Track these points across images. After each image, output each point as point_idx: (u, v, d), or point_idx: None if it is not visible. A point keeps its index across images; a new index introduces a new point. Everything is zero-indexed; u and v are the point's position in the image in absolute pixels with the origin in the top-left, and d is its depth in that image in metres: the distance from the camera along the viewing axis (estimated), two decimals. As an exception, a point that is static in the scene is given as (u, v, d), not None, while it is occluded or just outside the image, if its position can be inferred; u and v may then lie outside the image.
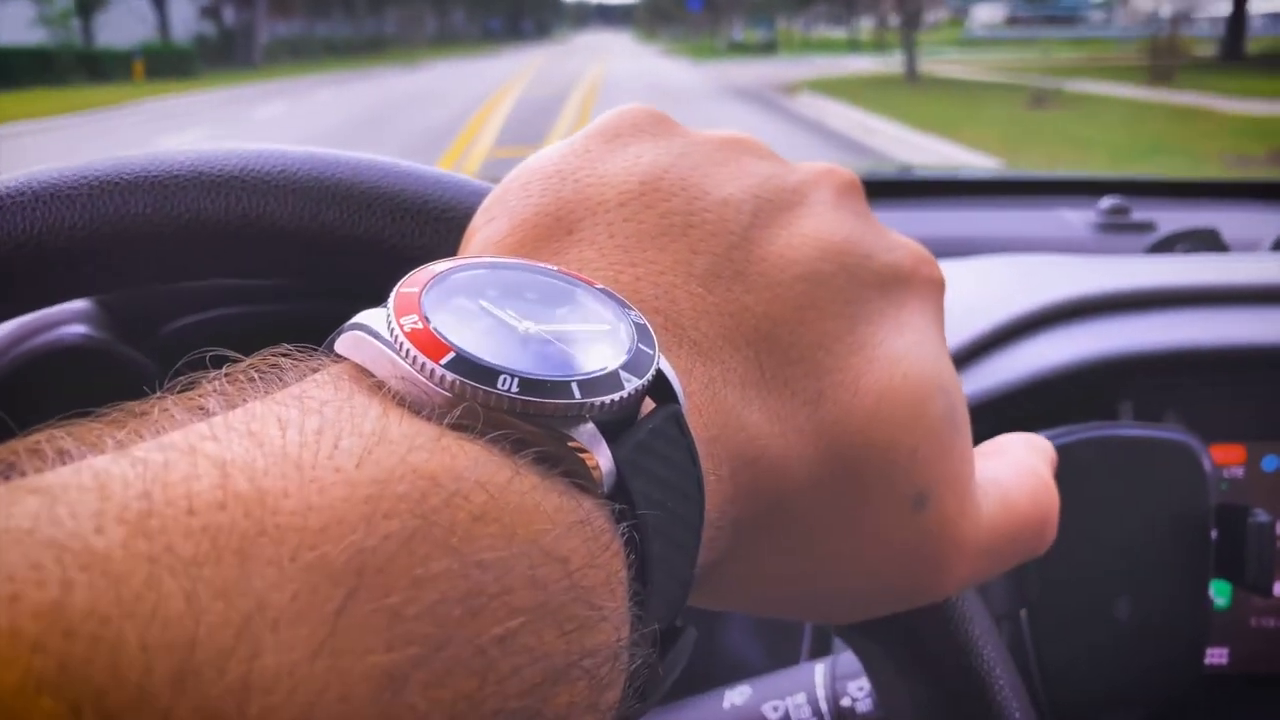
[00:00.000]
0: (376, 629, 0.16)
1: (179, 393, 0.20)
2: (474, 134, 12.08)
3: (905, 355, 0.28)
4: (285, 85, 25.32)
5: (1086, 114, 13.08)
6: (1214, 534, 0.60)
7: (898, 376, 0.27)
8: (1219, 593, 0.68)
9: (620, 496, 0.21)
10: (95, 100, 20.17)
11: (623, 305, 0.24)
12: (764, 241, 0.28)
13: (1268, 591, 0.61)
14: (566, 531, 0.19)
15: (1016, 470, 0.32)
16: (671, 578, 0.23)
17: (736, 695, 0.50)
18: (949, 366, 0.29)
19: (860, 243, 0.29)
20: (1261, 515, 0.60)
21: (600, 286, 0.24)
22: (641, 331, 0.23)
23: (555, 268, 0.25)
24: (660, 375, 0.23)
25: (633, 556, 0.21)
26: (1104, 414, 0.65)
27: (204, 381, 0.20)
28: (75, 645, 0.13)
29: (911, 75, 14.64)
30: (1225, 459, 0.67)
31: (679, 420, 0.23)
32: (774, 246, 0.28)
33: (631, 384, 0.22)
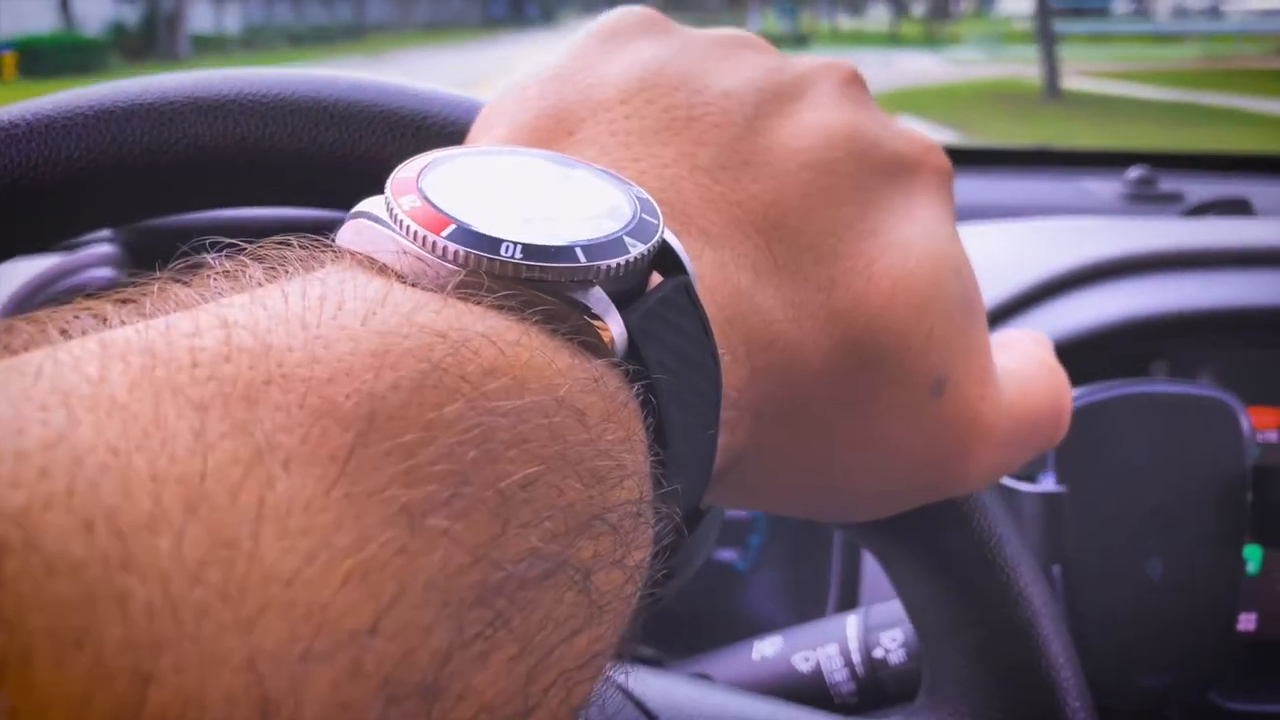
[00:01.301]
0: (391, 468, 0.16)
1: (184, 273, 0.19)
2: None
3: (918, 241, 0.27)
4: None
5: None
6: (1249, 497, 0.59)
7: (911, 261, 0.27)
8: (1250, 557, 0.67)
9: (632, 361, 0.21)
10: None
11: (624, 182, 0.23)
12: (768, 131, 0.27)
13: None
14: (580, 387, 0.19)
15: (1031, 362, 0.32)
16: (692, 448, 0.22)
17: (767, 646, 0.49)
18: (962, 251, 0.29)
19: (865, 131, 0.28)
20: None
21: (600, 167, 0.24)
22: (645, 204, 0.23)
23: (554, 152, 0.24)
24: (667, 248, 0.22)
25: (650, 420, 0.21)
26: (1138, 373, 0.65)
27: (209, 262, 0.20)
28: (83, 470, 0.13)
29: (1053, 91, 8.92)
30: (1261, 422, 0.66)
31: (689, 290, 0.22)
32: (778, 136, 0.27)
33: (636, 249, 0.21)
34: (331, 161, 0.34)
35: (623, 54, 0.29)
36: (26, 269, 0.62)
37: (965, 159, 1.24)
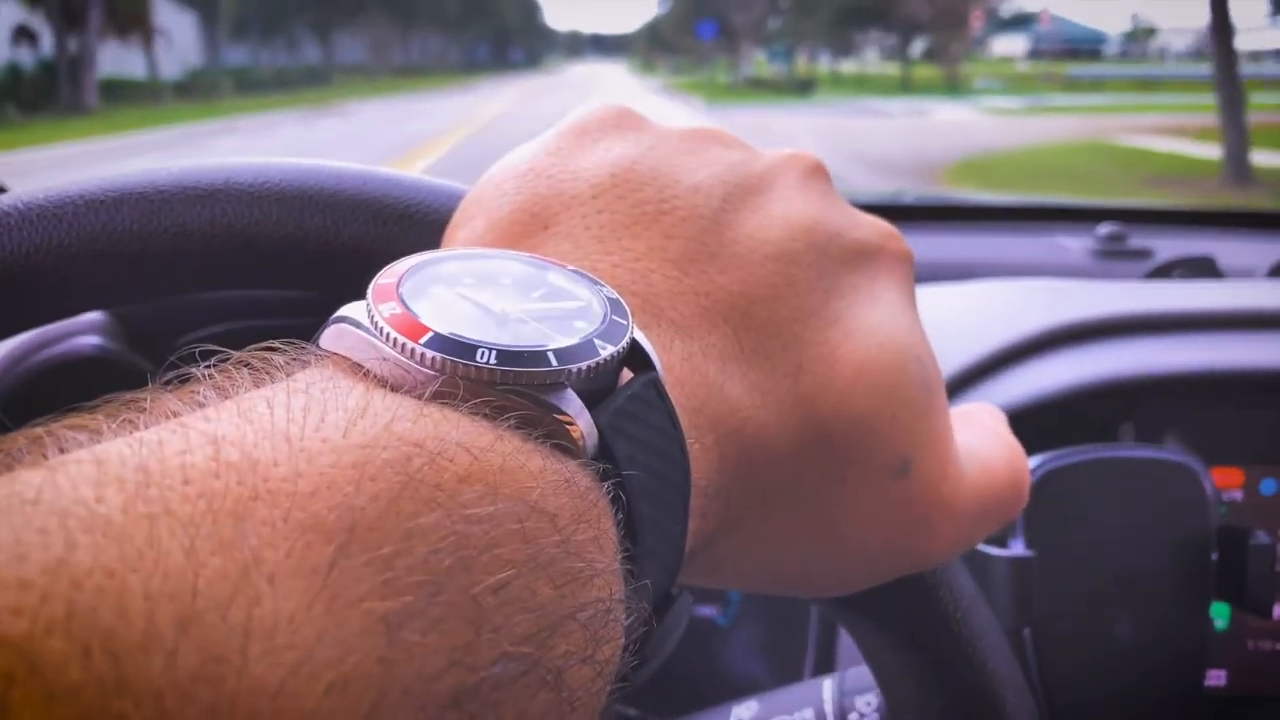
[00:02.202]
0: (370, 579, 0.17)
1: (174, 385, 0.20)
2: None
3: (880, 326, 0.29)
4: (82, 148, 14.52)
5: None
6: (1214, 556, 0.61)
7: (873, 347, 0.28)
8: (1218, 614, 0.69)
9: (604, 459, 0.22)
10: None
11: (594, 282, 0.25)
12: (735, 224, 0.28)
13: (1268, 613, 0.61)
14: (551, 490, 0.20)
15: (989, 437, 0.33)
16: (662, 540, 0.23)
17: (744, 710, 0.50)
18: (922, 335, 0.30)
19: (828, 221, 0.30)
20: (1262, 537, 0.60)
21: (573, 268, 0.25)
22: (614, 305, 0.24)
23: (528, 254, 0.25)
24: (636, 346, 0.23)
25: (621, 516, 0.22)
26: (1105, 436, 0.66)
27: (197, 373, 0.21)
28: (81, 594, 0.14)
29: (1241, 173, 6.01)
30: (1224, 482, 0.67)
31: (657, 386, 0.23)
32: (745, 229, 0.28)
33: (606, 350, 0.22)
34: (317, 247, 0.35)
35: (595, 150, 0.30)
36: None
37: (941, 215, 1.26)
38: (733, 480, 0.26)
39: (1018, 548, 0.58)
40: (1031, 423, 0.64)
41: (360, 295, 0.24)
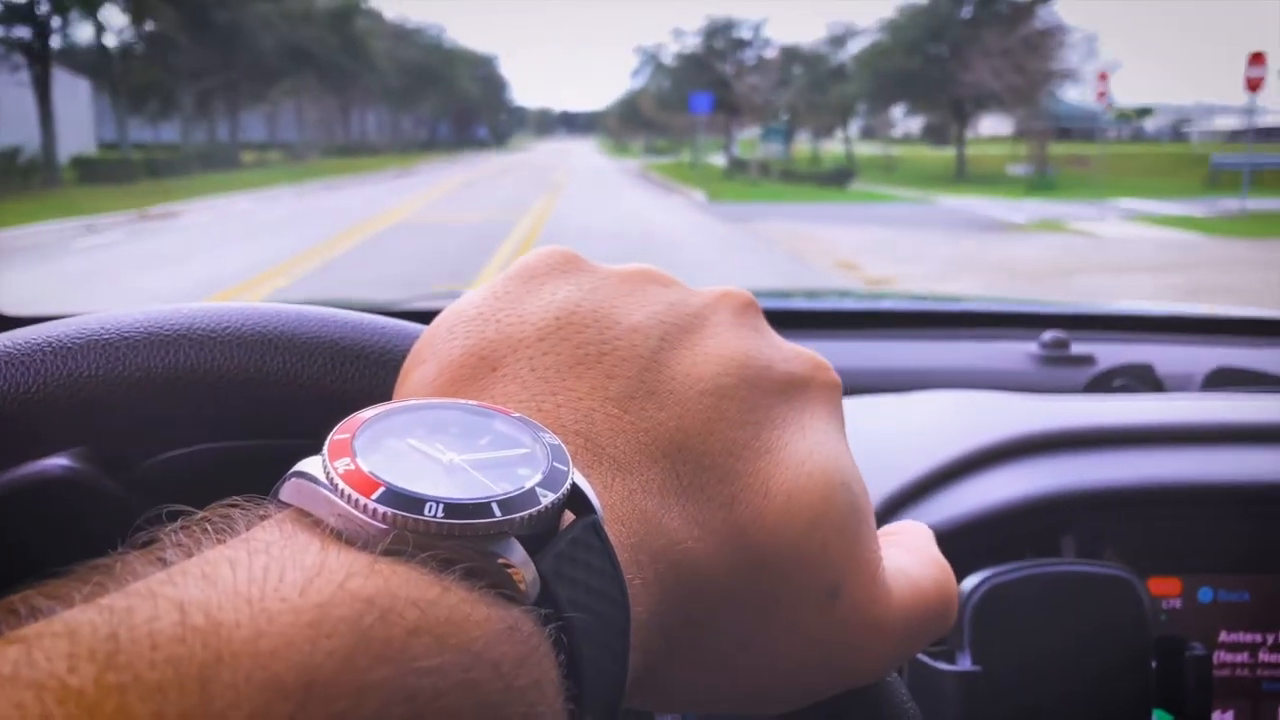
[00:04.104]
0: None
1: (140, 547, 0.22)
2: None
3: (809, 455, 0.31)
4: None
5: None
6: (1154, 665, 0.63)
7: (803, 476, 0.30)
8: (1161, 721, 0.70)
9: (546, 603, 0.23)
10: None
11: (536, 429, 0.26)
12: (672, 362, 0.31)
13: None
14: (496, 638, 0.21)
15: (918, 556, 0.35)
16: (602, 678, 0.24)
17: None
18: (851, 462, 0.32)
19: (759, 355, 0.32)
20: (1199, 648, 0.62)
21: (517, 415, 0.27)
22: (555, 451, 0.26)
23: (475, 402, 0.27)
24: (576, 489, 0.25)
25: (563, 658, 0.23)
26: (1047, 549, 0.68)
27: (162, 534, 0.22)
28: None
29: None
30: (1162, 590, 0.70)
31: (597, 529, 0.25)
32: (681, 366, 0.31)
33: (547, 498, 0.24)
34: (278, 387, 0.37)
35: (541, 293, 0.32)
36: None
37: (888, 321, 1.30)
38: (672, 611, 0.28)
39: (965, 663, 0.60)
40: (975, 537, 0.66)
41: (324, 431, 0.25)
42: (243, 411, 0.37)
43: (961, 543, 0.66)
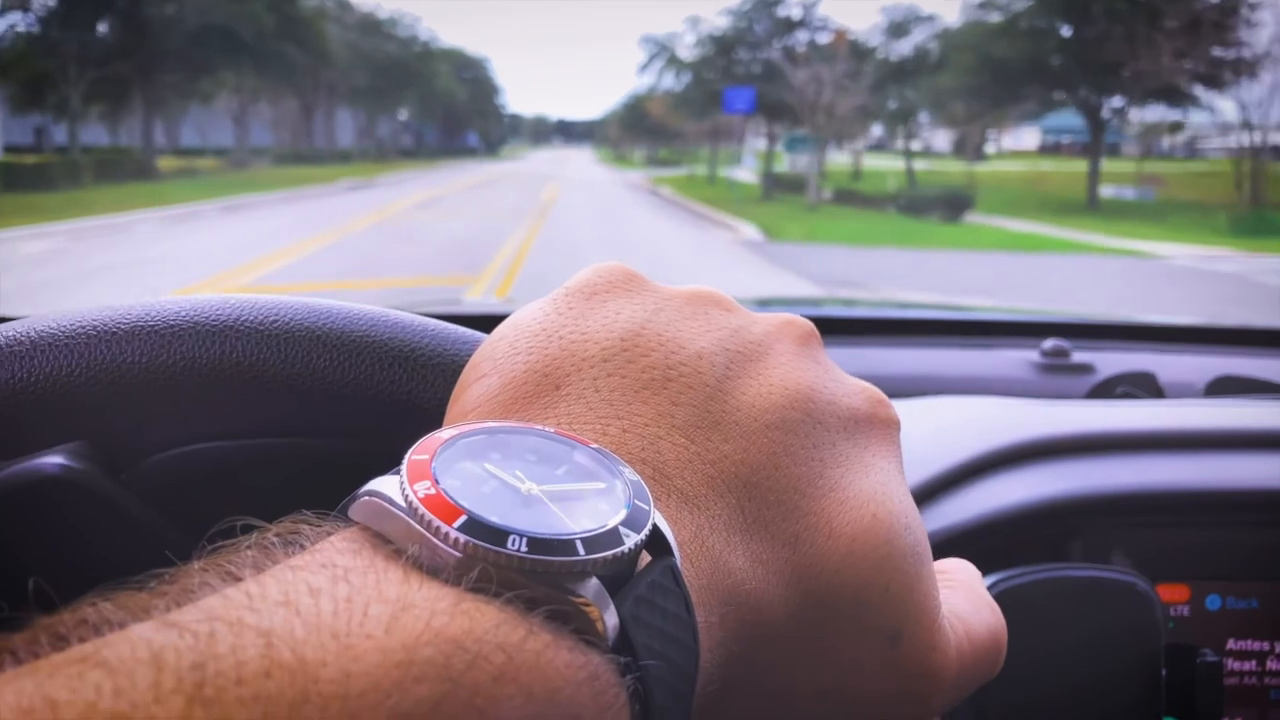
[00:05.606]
0: None
1: (208, 558, 0.21)
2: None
3: (873, 496, 0.30)
4: None
5: None
6: (1164, 672, 0.62)
7: (867, 518, 0.29)
8: (1169, 730, 0.70)
9: (623, 649, 0.23)
10: None
11: (616, 462, 0.26)
12: (736, 392, 0.30)
13: None
14: (576, 688, 0.21)
15: (971, 600, 0.34)
16: None
17: None
18: (911, 503, 0.32)
19: (823, 390, 0.31)
20: (1210, 655, 0.62)
21: (595, 446, 0.26)
22: (636, 488, 0.25)
23: (550, 429, 0.27)
24: (655, 529, 0.24)
25: (637, 707, 0.23)
26: (1055, 553, 0.68)
27: (233, 548, 0.22)
28: None
29: None
30: (1171, 598, 0.69)
31: (674, 573, 0.25)
32: (746, 396, 0.30)
33: (631, 539, 0.23)
34: (322, 386, 0.36)
35: (603, 311, 0.31)
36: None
37: (890, 329, 1.30)
38: (730, 653, 0.27)
39: (975, 667, 0.59)
40: (983, 542, 0.66)
41: (359, 431, 0.24)
42: (286, 409, 0.37)
43: (969, 547, 0.65)
